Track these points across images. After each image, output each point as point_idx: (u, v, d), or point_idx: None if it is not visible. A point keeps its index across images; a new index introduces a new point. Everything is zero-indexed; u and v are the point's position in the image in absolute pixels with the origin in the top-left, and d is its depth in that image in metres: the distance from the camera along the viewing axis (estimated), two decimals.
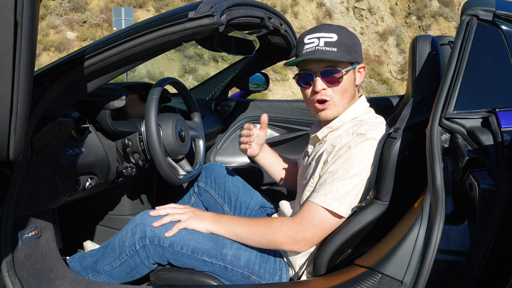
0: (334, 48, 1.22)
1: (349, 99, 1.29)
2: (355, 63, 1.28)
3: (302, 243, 1.21)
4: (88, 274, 1.37)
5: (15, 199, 1.16)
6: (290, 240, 1.20)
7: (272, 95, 13.14)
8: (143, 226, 1.30)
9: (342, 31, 1.25)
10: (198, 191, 1.75)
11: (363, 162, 1.18)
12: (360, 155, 1.18)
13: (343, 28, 1.27)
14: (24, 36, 0.81)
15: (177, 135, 1.53)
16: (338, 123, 1.30)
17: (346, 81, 1.26)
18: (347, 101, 1.29)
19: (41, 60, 12.48)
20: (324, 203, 1.17)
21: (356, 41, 1.28)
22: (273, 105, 2.55)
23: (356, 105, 1.31)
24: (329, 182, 1.19)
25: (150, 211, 1.36)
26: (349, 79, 1.27)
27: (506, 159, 0.99)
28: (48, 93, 1.19)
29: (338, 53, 1.22)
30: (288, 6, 15.87)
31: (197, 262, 1.29)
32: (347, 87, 1.27)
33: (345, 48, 1.23)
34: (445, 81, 1.11)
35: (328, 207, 1.17)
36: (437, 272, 1.01)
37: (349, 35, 1.26)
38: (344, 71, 1.25)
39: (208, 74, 12.77)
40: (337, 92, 1.26)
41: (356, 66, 1.29)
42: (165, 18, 1.19)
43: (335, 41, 1.22)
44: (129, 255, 1.31)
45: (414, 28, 17.07)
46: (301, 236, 1.19)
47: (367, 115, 1.31)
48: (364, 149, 1.18)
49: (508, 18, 1.12)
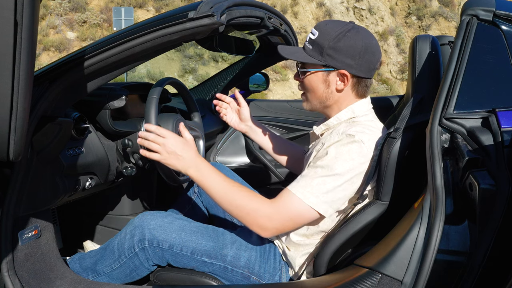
0: (310, 46, 1.24)
1: (320, 99, 1.27)
2: (329, 66, 1.21)
3: (269, 232, 1.15)
4: (88, 275, 1.37)
5: (15, 199, 1.16)
6: (259, 226, 1.14)
7: (272, 95, 13.15)
8: (142, 229, 1.30)
9: (328, 30, 1.20)
10: (198, 191, 1.75)
11: (347, 163, 1.14)
12: (346, 155, 1.14)
13: (334, 29, 1.20)
14: (24, 36, 0.81)
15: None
16: (335, 121, 1.29)
17: (311, 81, 1.25)
18: (318, 100, 1.27)
19: (41, 60, 12.48)
20: (302, 195, 1.13)
21: (339, 45, 1.18)
22: (273, 105, 2.55)
23: (355, 105, 1.28)
24: (310, 175, 1.15)
25: (149, 212, 1.36)
26: (316, 80, 1.24)
27: (506, 159, 0.99)
28: (48, 93, 1.19)
29: (311, 51, 1.23)
30: (288, 6, 15.87)
31: (197, 263, 1.29)
32: (313, 87, 1.26)
33: (318, 49, 1.21)
34: (445, 81, 1.11)
35: (305, 200, 1.12)
36: (437, 272, 1.01)
37: (334, 37, 1.18)
38: (311, 70, 1.24)
39: (208, 74, 12.77)
40: (305, 88, 1.29)
41: (331, 70, 1.21)
42: (165, 18, 1.19)
43: (314, 39, 1.23)
44: (128, 257, 1.31)
45: (414, 28, 17.07)
46: (273, 225, 1.14)
47: (364, 118, 1.26)
48: (351, 150, 1.15)
49: (508, 18, 1.12)
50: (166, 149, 1.18)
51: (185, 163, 1.19)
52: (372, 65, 1.22)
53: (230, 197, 1.16)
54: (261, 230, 1.15)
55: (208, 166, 1.20)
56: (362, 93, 1.27)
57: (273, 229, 1.15)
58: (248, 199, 1.16)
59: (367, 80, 1.25)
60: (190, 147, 1.22)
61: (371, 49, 1.20)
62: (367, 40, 1.20)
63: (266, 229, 1.14)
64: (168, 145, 1.18)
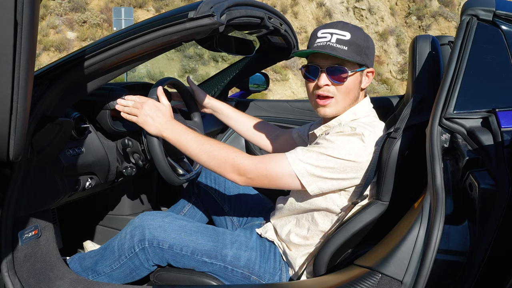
0: (345, 47, 1.20)
1: (351, 100, 1.28)
2: (363, 65, 1.26)
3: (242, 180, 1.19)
4: (88, 275, 1.37)
5: (15, 199, 1.16)
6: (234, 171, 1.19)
7: (272, 95, 13.14)
8: (142, 229, 1.30)
9: (356, 31, 1.23)
10: (197, 191, 1.75)
11: (344, 150, 1.15)
12: (345, 144, 1.16)
13: (359, 29, 1.25)
14: (24, 36, 0.81)
15: None
16: (336, 122, 1.29)
17: (351, 82, 1.24)
18: (349, 102, 1.28)
19: (41, 60, 12.48)
20: (291, 160, 1.16)
21: (369, 44, 1.26)
22: (273, 105, 2.55)
23: (357, 107, 1.29)
24: (306, 149, 1.18)
25: (149, 212, 1.36)
26: (354, 80, 1.25)
27: (506, 159, 0.99)
28: (48, 93, 1.19)
29: (348, 52, 1.21)
30: (288, 6, 15.87)
31: (197, 263, 1.29)
32: (351, 88, 1.25)
33: (356, 49, 1.22)
34: (445, 81, 1.11)
35: (292, 165, 1.15)
36: (437, 272, 1.01)
37: (363, 37, 1.24)
38: (351, 72, 1.23)
39: (208, 74, 12.77)
40: (341, 91, 1.25)
41: (364, 69, 1.27)
42: (165, 18, 1.19)
43: (348, 39, 1.21)
44: (128, 258, 1.31)
45: (414, 28, 17.07)
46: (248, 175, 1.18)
47: (366, 119, 1.28)
48: (350, 140, 1.17)
49: (508, 18, 1.12)
50: (143, 112, 1.27)
51: (160, 125, 1.27)
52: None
53: (207, 148, 1.22)
54: (236, 176, 1.19)
55: (182, 126, 1.28)
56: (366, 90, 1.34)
57: (248, 179, 1.19)
58: (225, 149, 1.22)
59: None
60: (166, 111, 1.30)
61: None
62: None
63: (241, 175, 1.18)
64: (145, 108, 1.27)
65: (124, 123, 1.58)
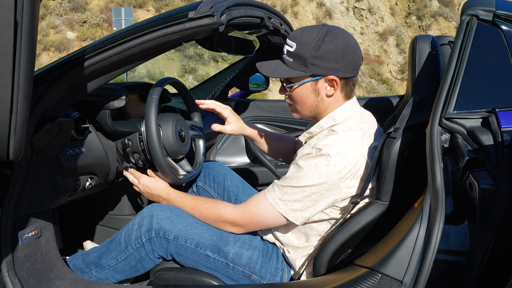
0: (290, 59, 1.21)
1: (312, 107, 1.26)
2: (316, 75, 1.20)
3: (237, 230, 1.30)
4: (91, 270, 1.37)
5: (15, 199, 1.16)
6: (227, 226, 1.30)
7: (272, 95, 13.14)
8: (150, 219, 1.31)
9: (305, 40, 1.18)
10: (197, 190, 1.75)
11: (314, 176, 1.14)
12: (313, 168, 1.15)
13: (310, 36, 1.18)
14: (24, 36, 0.81)
15: (177, 135, 1.53)
16: (317, 129, 1.29)
17: (300, 93, 1.24)
18: (310, 109, 1.27)
19: (41, 60, 12.48)
20: (272, 201, 1.20)
21: (321, 52, 1.17)
22: (273, 105, 2.55)
23: (335, 112, 1.26)
24: (281, 183, 1.21)
25: (158, 204, 1.39)
26: (305, 90, 1.23)
27: (506, 159, 0.99)
28: (48, 93, 1.19)
29: (293, 64, 1.21)
30: (288, 6, 15.87)
31: (200, 257, 1.30)
32: (303, 98, 1.24)
33: (300, 60, 1.19)
34: (445, 81, 1.11)
35: (275, 206, 1.20)
36: (437, 272, 1.01)
37: (313, 46, 1.17)
38: (297, 84, 1.22)
39: (208, 74, 12.77)
40: (293, 100, 1.28)
41: (318, 78, 1.20)
42: (165, 18, 1.19)
43: (292, 51, 1.20)
44: (135, 248, 1.31)
45: (414, 28, 17.07)
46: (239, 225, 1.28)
47: (342, 126, 1.23)
48: (318, 163, 1.15)
49: (508, 18, 1.12)
50: (141, 188, 1.47)
51: (158, 196, 1.43)
52: (356, 63, 1.21)
53: (197, 211, 1.33)
54: (231, 228, 1.30)
55: (175, 192, 1.42)
56: (349, 94, 1.27)
57: (241, 228, 1.29)
58: (211, 209, 1.31)
59: (354, 79, 1.25)
60: (157, 183, 1.46)
61: (352, 48, 1.19)
62: (346, 39, 1.19)
63: (234, 226, 1.29)
64: (142, 185, 1.47)
65: (124, 123, 1.58)
